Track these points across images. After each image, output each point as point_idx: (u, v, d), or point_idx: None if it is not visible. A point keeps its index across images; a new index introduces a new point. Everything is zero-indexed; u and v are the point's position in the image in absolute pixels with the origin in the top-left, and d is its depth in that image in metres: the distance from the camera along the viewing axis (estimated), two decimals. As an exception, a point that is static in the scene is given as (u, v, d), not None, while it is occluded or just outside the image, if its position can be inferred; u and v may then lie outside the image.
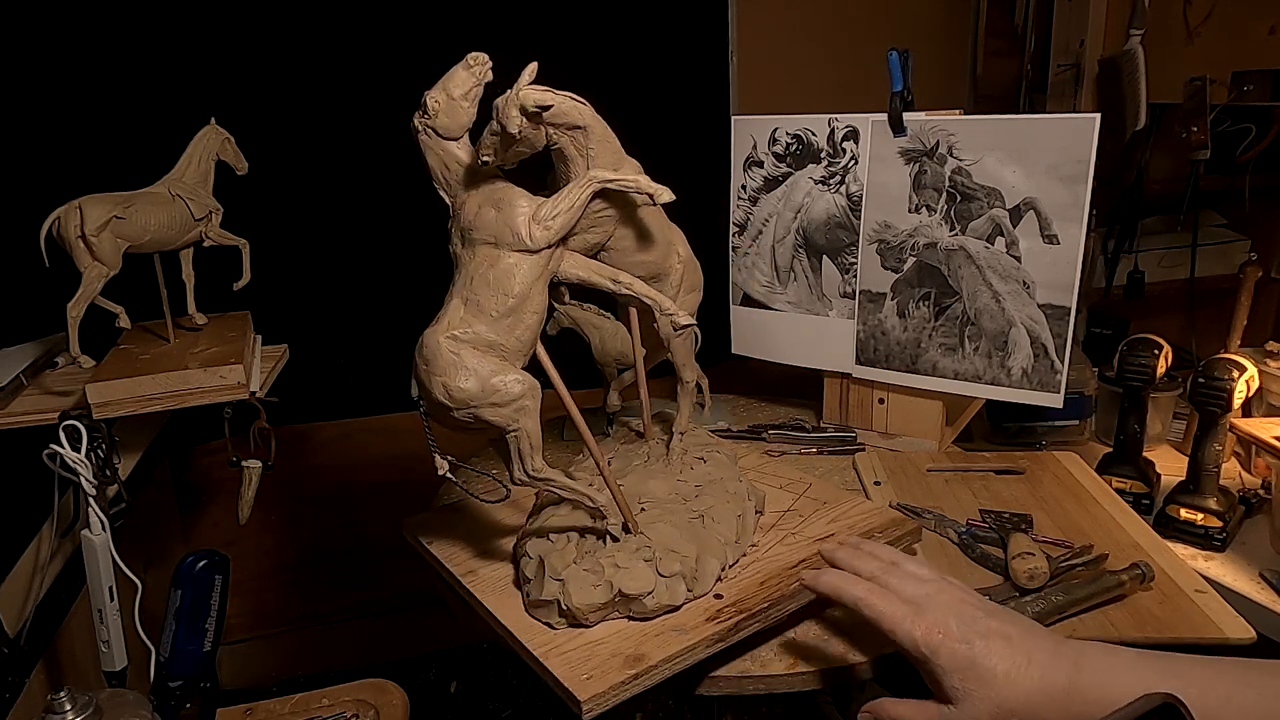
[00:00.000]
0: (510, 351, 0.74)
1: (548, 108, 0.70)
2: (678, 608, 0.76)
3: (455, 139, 0.74)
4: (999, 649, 0.59)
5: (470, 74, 0.72)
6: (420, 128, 0.73)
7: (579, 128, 0.75)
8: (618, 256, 0.85)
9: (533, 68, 0.70)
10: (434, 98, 0.72)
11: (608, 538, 0.80)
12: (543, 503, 0.89)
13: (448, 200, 0.76)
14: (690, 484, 0.92)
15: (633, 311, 0.94)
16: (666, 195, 0.77)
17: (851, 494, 1.01)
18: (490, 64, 0.72)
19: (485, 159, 0.72)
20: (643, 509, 0.85)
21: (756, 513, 0.92)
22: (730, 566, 0.82)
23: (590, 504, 0.79)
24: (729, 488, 0.91)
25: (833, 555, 0.75)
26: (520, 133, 0.69)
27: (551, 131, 0.74)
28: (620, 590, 0.73)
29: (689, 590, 0.77)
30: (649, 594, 0.74)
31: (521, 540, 0.83)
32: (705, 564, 0.79)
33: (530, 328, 0.74)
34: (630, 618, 0.75)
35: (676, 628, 0.74)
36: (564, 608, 0.73)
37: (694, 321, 0.83)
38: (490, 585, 0.82)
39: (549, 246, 0.74)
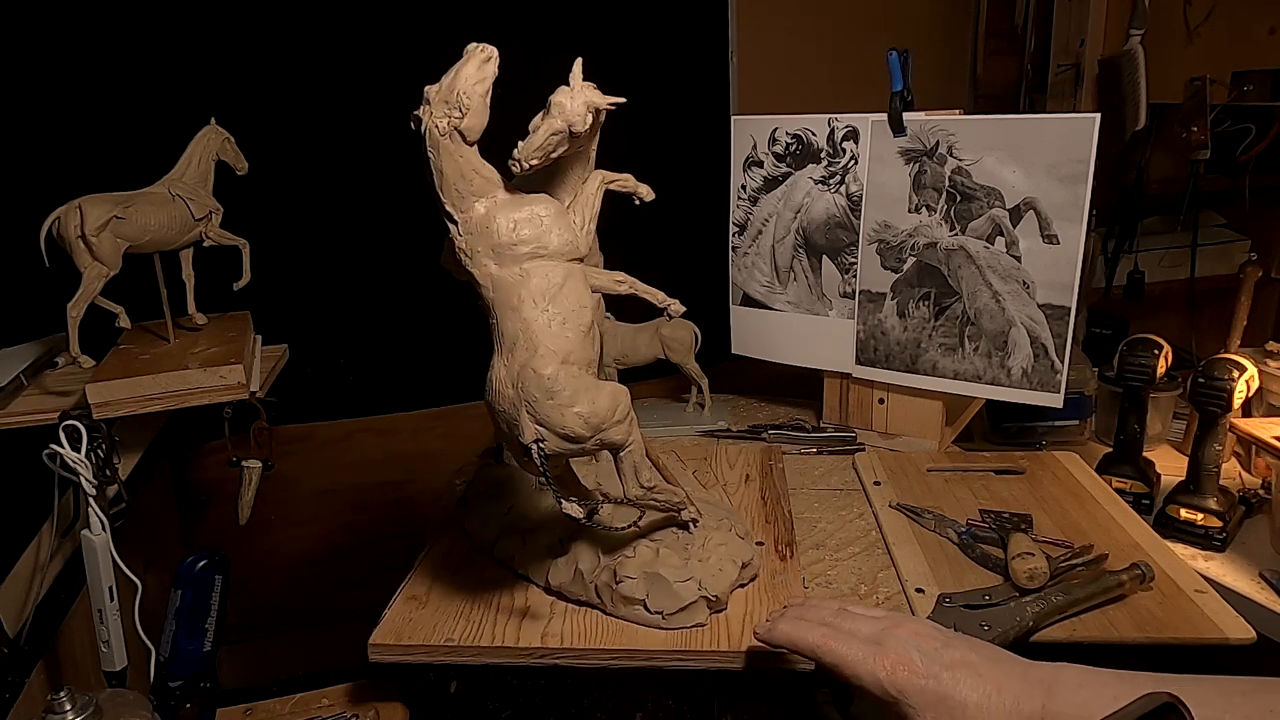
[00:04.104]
0: (597, 365, 0.71)
1: (619, 104, 0.68)
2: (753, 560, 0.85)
3: (474, 143, 0.66)
4: (967, 680, 0.57)
5: (488, 68, 0.65)
6: (447, 130, 0.64)
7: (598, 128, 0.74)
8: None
9: (580, 63, 0.67)
10: (465, 93, 0.64)
11: (691, 526, 0.83)
12: (519, 529, 0.86)
13: (456, 215, 0.67)
14: None
15: None
16: (651, 194, 0.77)
17: (708, 440, 1.19)
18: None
19: (533, 164, 0.66)
20: None
21: None
22: None
23: (678, 500, 0.80)
24: (668, 465, 0.97)
25: (779, 617, 0.72)
26: (583, 132, 0.66)
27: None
28: (742, 562, 0.80)
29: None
30: (752, 557, 0.82)
31: (589, 570, 0.78)
32: (744, 522, 0.89)
33: (598, 337, 0.71)
34: (740, 585, 0.81)
35: (775, 573, 0.83)
36: (712, 598, 0.76)
37: (684, 308, 0.83)
38: (591, 631, 0.77)
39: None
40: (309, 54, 1.53)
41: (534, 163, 0.66)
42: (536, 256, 0.67)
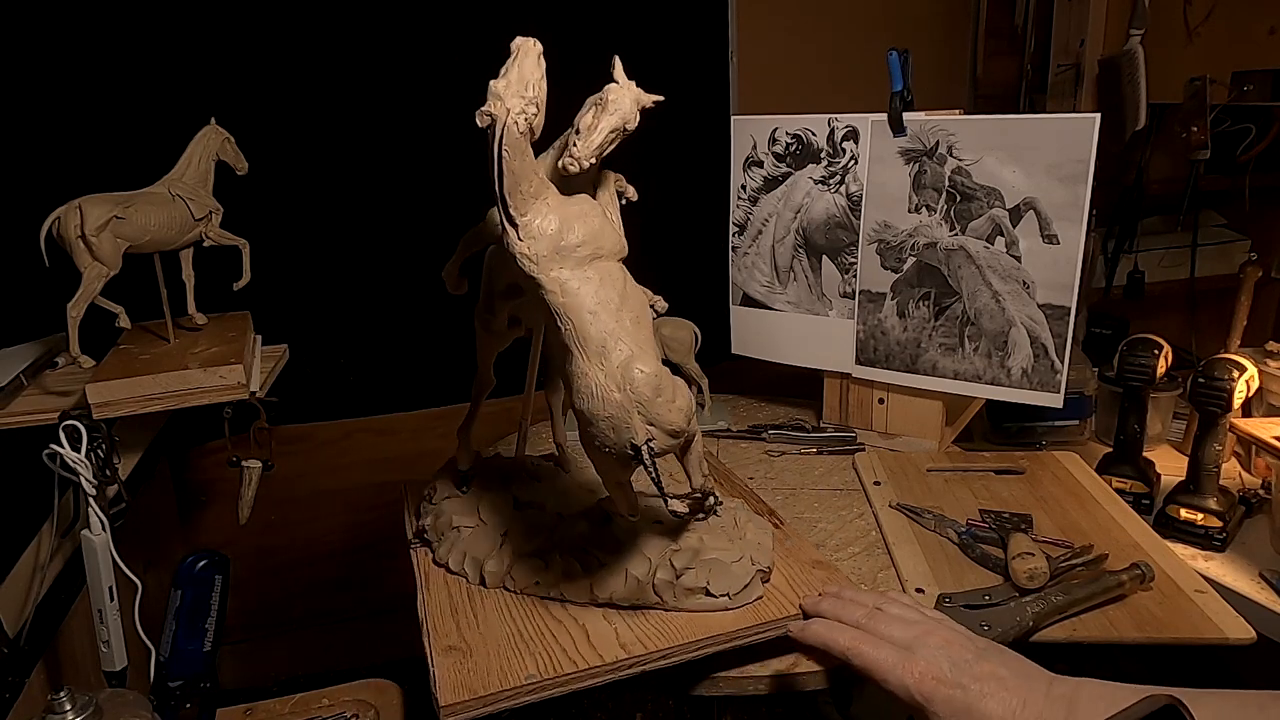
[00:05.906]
0: None
1: (660, 102, 0.68)
2: None
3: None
4: (993, 691, 0.59)
5: (542, 62, 0.63)
6: (526, 128, 0.61)
7: None
8: None
9: (619, 60, 0.68)
10: (537, 87, 0.61)
11: (715, 510, 0.85)
12: (526, 553, 0.84)
13: (517, 219, 0.63)
14: None
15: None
16: (635, 194, 0.79)
17: None
18: None
19: (590, 163, 0.65)
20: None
21: None
22: None
23: (710, 488, 0.82)
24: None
25: (815, 606, 0.74)
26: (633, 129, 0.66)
27: None
28: (769, 532, 0.85)
29: None
30: (770, 528, 0.87)
31: (643, 574, 0.77)
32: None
33: None
34: None
35: (782, 540, 0.87)
36: (764, 570, 0.78)
37: (667, 305, 0.84)
38: (663, 629, 0.75)
39: None
40: (309, 54, 1.53)
41: (591, 162, 0.64)
42: (597, 257, 0.66)
